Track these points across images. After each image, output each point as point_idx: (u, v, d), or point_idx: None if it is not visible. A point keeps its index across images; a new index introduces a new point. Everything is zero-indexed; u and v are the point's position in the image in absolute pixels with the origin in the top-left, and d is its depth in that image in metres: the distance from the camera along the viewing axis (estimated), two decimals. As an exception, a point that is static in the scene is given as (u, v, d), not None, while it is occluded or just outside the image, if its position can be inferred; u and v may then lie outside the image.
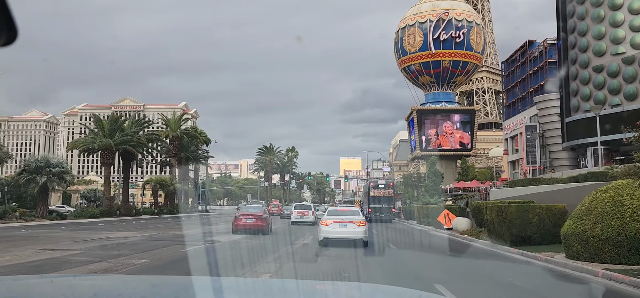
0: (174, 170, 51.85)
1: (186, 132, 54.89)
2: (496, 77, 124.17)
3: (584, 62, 35.19)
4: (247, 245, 18.13)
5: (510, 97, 66.60)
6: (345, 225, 17.32)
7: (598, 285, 10.18)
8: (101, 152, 38.21)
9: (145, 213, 43.07)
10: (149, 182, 50.13)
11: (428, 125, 77.41)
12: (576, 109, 36.31)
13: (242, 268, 11.33)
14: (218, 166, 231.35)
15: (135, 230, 24.60)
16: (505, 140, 68.42)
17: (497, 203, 17.00)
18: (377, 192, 46.23)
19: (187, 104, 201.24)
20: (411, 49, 77.21)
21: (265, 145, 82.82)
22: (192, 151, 55.06)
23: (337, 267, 12.23)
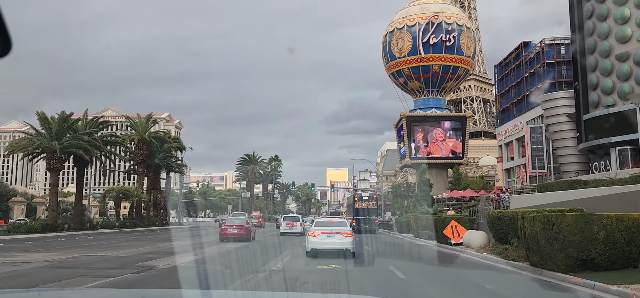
0: (143, 179, 45.88)
1: (156, 136, 48.69)
2: (484, 86, 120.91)
3: (605, 51, 31.07)
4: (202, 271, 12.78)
5: (504, 101, 62.62)
6: (332, 236, 17.19)
7: None
8: (47, 157, 32.45)
9: (105, 227, 37.26)
10: (110, 192, 44.07)
11: (418, 133, 73.07)
12: (596, 105, 32.06)
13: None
14: (203, 177, 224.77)
15: (55, 250, 18.71)
16: (499, 148, 64.36)
17: (537, 212, 12.39)
18: (361, 203, 47.03)
19: (170, 114, 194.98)
20: (400, 54, 73.06)
21: (247, 154, 77.77)
22: (163, 158, 49.32)
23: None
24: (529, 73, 55.17)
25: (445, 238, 20.73)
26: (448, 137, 73.17)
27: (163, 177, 49.39)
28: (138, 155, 46.38)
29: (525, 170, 55.73)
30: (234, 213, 45.62)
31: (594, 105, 32.05)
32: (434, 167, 68.72)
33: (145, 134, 45.86)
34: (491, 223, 17.08)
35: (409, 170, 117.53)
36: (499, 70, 63.77)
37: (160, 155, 46.93)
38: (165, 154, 47.86)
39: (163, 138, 49.88)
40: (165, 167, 48.53)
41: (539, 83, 53.53)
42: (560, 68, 52.14)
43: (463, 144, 72.80)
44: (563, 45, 52.72)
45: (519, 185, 56.62)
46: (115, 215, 41.63)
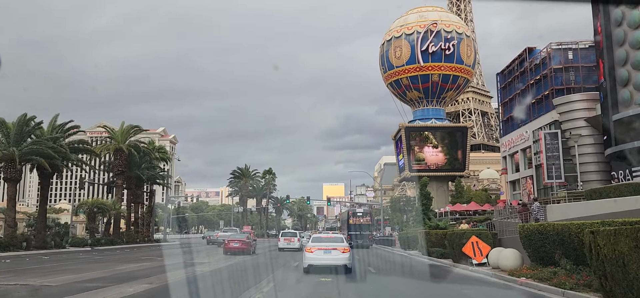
0: (122, 192, 41.39)
1: (136, 145, 43.28)
2: (483, 98, 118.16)
3: (637, 41, 27.63)
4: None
5: (507, 110, 59.24)
6: (329, 251, 16.95)
7: None
8: (5, 166, 28.22)
9: (75, 245, 32.96)
10: (83, 206, 39.65)
11: (417, 144, 69.58)
12: (628, 103, 28.49)
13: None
14: (199, 192, 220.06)
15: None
16: (503, 159, 60.79)
17: (602, 224, 8.97)
18: (355, 219, 48.16)
19: (165, 129, 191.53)
20: (398, 63, 69.92)
21: (240, 168, 73.63)
22: (145, 169, 45.01)
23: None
24: (535, 80, 51.90)
25: (463, 256, 17.08)
26: (447, 149, 69.68)
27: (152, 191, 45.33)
28: (116, 166, 41.82)
29: (532, 181, 52.22)
30: (224, 229, 41.58)
31: (625, 104, 28.60)
32: (434, 180, 65.06)
33: (124, 143, 41.56)
34: (527, 239, 13.41)
35: (408, 184, 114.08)
36: (502, 79, 60.51)
37: (143, 167, 42.69)
38: (147, 166, 43.73)
39: (145, 148, 45.11)
40: (148, 179, 44.24)
41: (552, 86, 50.01)
42: (569, 74, 48.93)
43: (464, 156, 69.32)
44: (571, 49, 49.62)
45: (526, 198, 53.04)
46: (90, 231, 37.31)
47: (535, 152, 50.05)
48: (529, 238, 13.43)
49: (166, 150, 47.60)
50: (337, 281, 14.13)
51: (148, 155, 42.65)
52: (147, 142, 42.31)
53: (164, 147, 47.45)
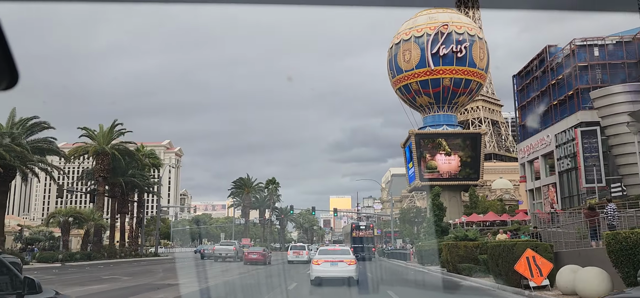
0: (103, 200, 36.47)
1: (120, 149, 37.62)
2: (493, 107, 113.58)
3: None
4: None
5: (525, 114, 54.66)
6: (336, 264, 16.89)
7: None
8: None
9: (43, 261, 28.48)
10: (55, 216, 34.82)
11: (428, 151, 65.03)
12: None
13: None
14: (205, 205, 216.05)
15: None
16: (521, 166, 56.07)
17: None
18: (358, 232, 49.04)
19: (171, 141, 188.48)
20: (407, 66, 65.76)
21: (241, 178, 69.20)
22: (132, 176, 39.65)
23: None
24: (557, 80, 47.42)
25: (511, 275, 12.66)
26: (460, 157, 65.06)
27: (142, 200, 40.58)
28: (98, 171, 36.53)
29: (555, 189, 47.51)
30: (222, 242, 37.35)
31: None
32: (446, 190, 60.42)
33: (106, 146, 36.43)
34: (624, 253, 9.01)
35: (416, 195, 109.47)
36: (518, 81, 56.06)
37: (130, 173, 38.28)
38: (136, 172, 39.61)
39: (132, 152, 39.37)
40: (135, 187, 39.71)
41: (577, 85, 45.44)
42: (595, 72, 44.43)
43: (478, 164, 64.64)
44: (596, 46, 45.20)
45: (549, 207, 48.29)
46: (63, 244, 32.73)
47: (559, 157, 45.48)
48: (629, 252, 9.02)
49: (157, 155, 43.10)
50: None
51: (136, 161, 37.89)
52: (131, 144, 37.34)
53: (155, 152, 42.83)
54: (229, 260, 35.23)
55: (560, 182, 46.01)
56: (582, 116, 42.40)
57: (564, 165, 44.79)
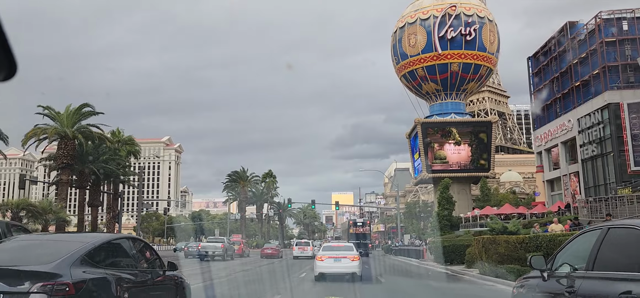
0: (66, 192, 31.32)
1: (86, 133, 31.36)
2: (499, 98, 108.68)
3: None
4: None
5: (541, 100, 49.86)
6: (339, 260, 16.97)
7: None
8: None
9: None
10: (3, 208, 29.21)
11: (436, 141, 60.28)
12: None
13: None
14: (206, 202, 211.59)
15: None
16: (537, 155, 51.40)
17: None
18: (356, 229, 49.56)
19: (170, 137, 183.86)
20: (412, 51, 60.98)
21: (236, 171, 64.28)
22: (104, 164, 33.72)
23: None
24: (580, 58, 42.64)
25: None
26: (470, 147, 60.28)
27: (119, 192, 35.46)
28: (60, 157, 30.91)
29: (578, 179, 42.79)
30: (210, 238, 32.93)
31: None
32: (455, 182, 55.71)
33: (70, 128, 30.69)
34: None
35: (421, 190, 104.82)
36: (534, 63, 51.31)
37: (102, 160, 33.42)
38: (109, 160, 33.87)
39: (102, 136, 33.13)
40: (111, 177, 35.08)
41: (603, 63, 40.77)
42: (624, 47, 39.65)
43: (489, 155, 59.86)
44: (625, 19, 40.42)
45: (570, 198, 43.58)
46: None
47: (582, 143, 40.75)
48: None
49: (134, 141, 38.07)
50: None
51: (109, 147, 32.64)
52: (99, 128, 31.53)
53: (133, 139, 37.73)
54: (218, 258, 30.61)
55: (583, 170, 41.29)
56: (609, 97, 37.73)
57: (589, 152, 40.07)
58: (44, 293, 4.49)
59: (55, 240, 6.24)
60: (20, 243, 5.97)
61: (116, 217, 32.33)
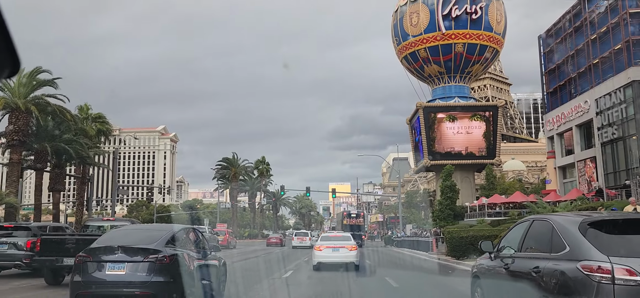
0: (17, 173, 26.41)
1: (42, 104, 26.13)
2: (501, 86, 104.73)
3: None
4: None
5: (554, 80, 45.97)
6: (337, 249, 16.88)
7: None
8: None
9: None
10: None
11: (438, 127, 56.35)
12: None
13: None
14: (203, 193, 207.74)
15: None
16: (548, 140, 47.56)
17: None
18: (349, 220, 49.84)
19: (166, 127, 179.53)
20: (414, 31, 56.82)
21: (227, 158, 59.83)
22: (67, 142, 28.16)
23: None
24: (599, 33, 38.63)
25: None
26: (474, 132, 56.39)
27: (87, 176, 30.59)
28: (11, 134, 25.80)
29: (595, 164, 39.01)
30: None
31: None
32: (458, 170, 51.90)
33: (23, 100, 25.46)
34: None
35: (420, 179, 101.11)
36: (546, 42, 47.31)
37: (66, 138, 27.38)
38: (73, 138, 28.46)
39: (63, 110, 27.18)
40: (77, 158, 29.03)
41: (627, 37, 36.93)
42: (649, 19, 35.63)
43: (494, 141, 56.00)
44: (652, -12, 36.30)
45: (586, 186, 39.83)
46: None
47: (601, 126, 36.95)
48: None
49: (105, 118, 33.44)
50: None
51: (74, 124, 27.71)
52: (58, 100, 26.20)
53: (104, 116, 32.96)
54: None
55: (602, 155, 37.47)
56: (634, 73, 33.86)
57: (608, 135, 36.24)
58: (153, 262, 7.24)
59: (148, 229, 10.37)
60: (125, 231, 9.60)
61: (85, 203, 28.34)
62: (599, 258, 4.60)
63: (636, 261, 4.47)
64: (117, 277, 7.12)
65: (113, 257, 7.28)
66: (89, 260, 7.35)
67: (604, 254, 4.62)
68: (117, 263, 7.23)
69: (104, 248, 7.47)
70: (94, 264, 7.32)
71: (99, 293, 7.29)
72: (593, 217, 5.31)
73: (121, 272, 7.16)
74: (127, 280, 7.11)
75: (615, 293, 4.39)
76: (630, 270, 4.42)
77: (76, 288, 7.31)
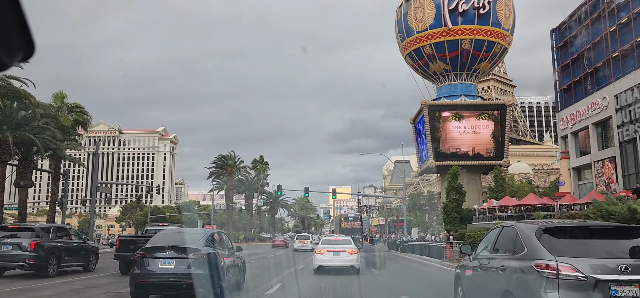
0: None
1: (2, 86, 22.05)
2: (505, 87, 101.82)
3: None
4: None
5: (567, 76, 43.05)
6: (338, 253, 16.71)
7: None
8: None
9: None
10: None
11: (444, 126, 53.43)
12: None
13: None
14: (203, 194, 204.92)
15: None
16: (561, 140, 44.60)
17: None
18: (347, 223, 48.77)
19: (166, 128, 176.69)
20: (419, 27, 54.00)
21: (223, 156, 56.54)
22: (34, 133, 23.68)
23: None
24: (619, 24, 35.74)
25: None
26: (481, 133, 53.45)
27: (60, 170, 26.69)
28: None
29: (614, 164, 36.07)
30: (149, 225, 25.09)
31: None
32: (464, 171, 48.93)
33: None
34: None
35: (422, 182, 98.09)
36: (559, 36, 44.46)
37: (34, 127, 23.45)
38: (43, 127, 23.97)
39: (25, 94, 23.16)
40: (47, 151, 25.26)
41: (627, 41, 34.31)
42: (677, 7, 32.79)
43: (502, 141, 53.06)
44: (679, -26, 33.44)
45: (603, 187, 36.77)
46: None
47: (621, 123, 34.05)
48: None
49: (85, 110, 29.91)
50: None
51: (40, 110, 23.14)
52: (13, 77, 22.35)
53: (82, 106, 29.42)
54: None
55: (622, 154, 34.54)
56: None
57: (630, 133, 33.31)
58: (194, 258, 8.87)
59: (190, 232, 11.58)
60: (172, 233, 11.80)
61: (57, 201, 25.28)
62: (548, 258, 5.51)
63: (577, 260, 5.42)
64: (167, 269, 8.81)
65: (164, 254, 8.99)
66: (145, 257, 9.07)
67: (552, 255, 5.54)
68: (167, 259, 8.90)
69: (157, 247, 9.24)
70: (149, 260, 8.99)
71: (152, 283, 8.97)
72: (547, 225, 6.19)
73: (170, 266, 8.85)
74: (175, 272, 8.76)
75: (559, 286, 5.31)
76: (571, 267, 5.35)
77: (135, 279, 9.03)
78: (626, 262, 5.27)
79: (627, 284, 5.20)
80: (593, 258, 5.43)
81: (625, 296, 5.19)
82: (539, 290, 5.34)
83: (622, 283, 5.21)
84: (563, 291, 5.22)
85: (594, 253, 5.55)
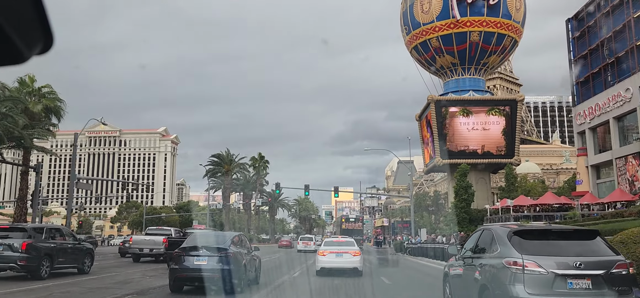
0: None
1: None
2: (511, 86, 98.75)
3: None
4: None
5: (585, 68, 40.15)
6: (341, 255, 16.66)
7: None
8: None
9: None
10: None
11: (451, 123, 50.60)
12: None
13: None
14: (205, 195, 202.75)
15: None
16: (578, 136, 41.69)
17: None
18: (348, 225, 49.91)
19: (167, 128, 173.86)
20: (426, 19, 51.21)
21: (220, 154, 53.53)
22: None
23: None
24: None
25: None
26: (491, 129, 50.56)
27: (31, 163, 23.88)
28: None
29: (638, 161, 33.21)
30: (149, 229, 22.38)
31: None
32: (472, 170, 46.07)
33: None
34: None
35: (426, 183, 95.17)
36: (576, 25, 41.61)
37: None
38: (6, 113, 21.56)
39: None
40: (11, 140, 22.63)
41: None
42: None
43: (513, 138, 50.17)
44: None
45: (626, 186, 33.96)
46: None
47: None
48: None
49: (57, 95, 26.65)
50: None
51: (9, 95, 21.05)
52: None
53: (54, 91, 26.12)
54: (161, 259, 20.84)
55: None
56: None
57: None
58: (223, 256, 10.69)
59: (218, 234, 13.83)
60: (199, 235, 14.55)
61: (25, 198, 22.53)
62: (516, 256, 6.40)
63: (541, 258, 6.29)
64: (200, 265, 10.79)
65: (198, 253, 11.05)
66: (182, 255, 11.13)
67: (520, 253, 6.45)
68: (200, 257, 10.95)
69: (192, 247, 11.40)
70: (185, 257, 11.02)
71: (188, 276, 11.09)
72: (518, 228, 7.20)
73: (203, 263, 10.83)
74: (207, 267, 10.71)
75: (524, 280, 6.19)
76: (535, 264, 6.22)
77: (174, 273, 11.16)
78: (580, 260, 6.18)
79: (580, 278, 6.12)
80: (554, 256, 6.35)
81: (579, 288, 6.10)
82: (508, 283, 6.29)
83: (577, 277, 6.13)
84: (528, 284, 6.15)
85: (556, 252, 6.48)
